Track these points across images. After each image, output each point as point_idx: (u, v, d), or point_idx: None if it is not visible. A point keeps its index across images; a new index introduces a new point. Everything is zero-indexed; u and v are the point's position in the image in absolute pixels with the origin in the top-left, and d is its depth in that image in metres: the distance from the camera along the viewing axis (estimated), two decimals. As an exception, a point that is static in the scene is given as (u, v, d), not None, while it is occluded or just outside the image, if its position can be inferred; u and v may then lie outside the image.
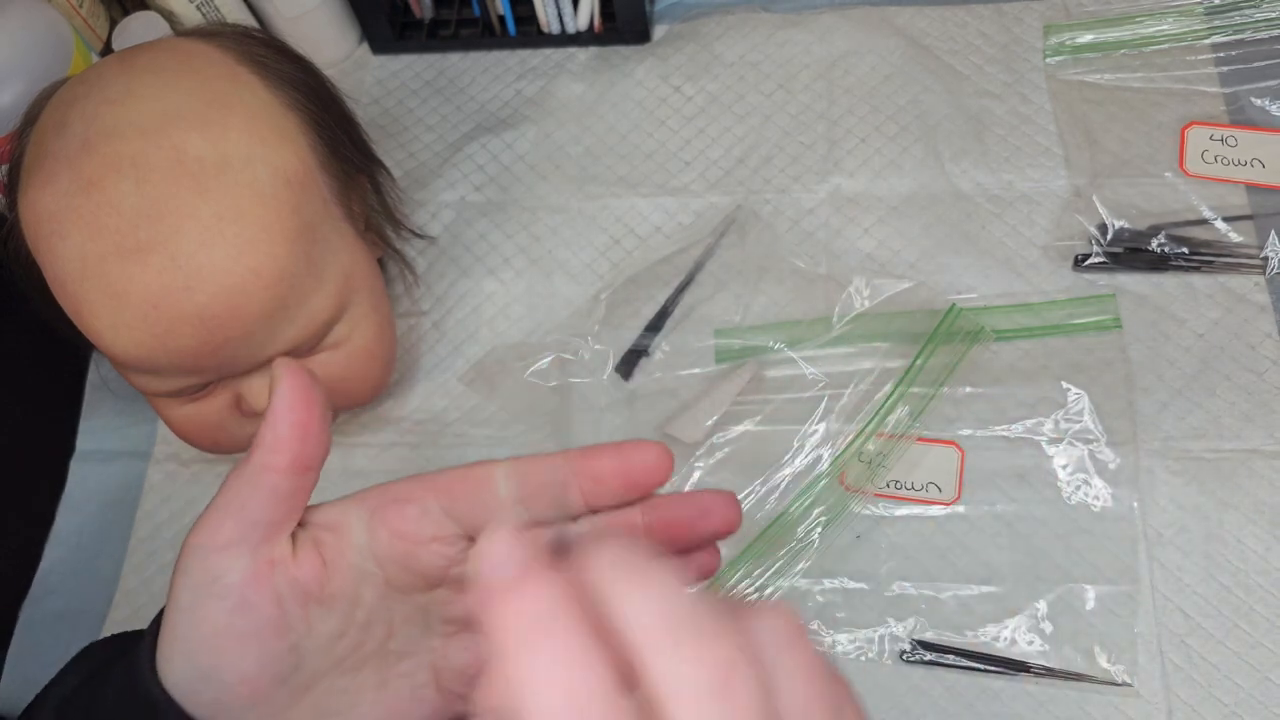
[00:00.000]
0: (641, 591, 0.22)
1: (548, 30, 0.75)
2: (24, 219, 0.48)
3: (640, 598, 0.22)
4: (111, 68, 0.50)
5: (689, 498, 0.34)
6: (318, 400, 0.31)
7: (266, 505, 0.31)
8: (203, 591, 0.31)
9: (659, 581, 0.22)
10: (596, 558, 0.22)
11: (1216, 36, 0.68)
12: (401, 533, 0.32)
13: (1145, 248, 0.62)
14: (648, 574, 0.22)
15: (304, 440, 0.31)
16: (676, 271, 0.65)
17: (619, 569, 0.22)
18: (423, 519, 0.32)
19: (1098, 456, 0.57)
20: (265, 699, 0.31)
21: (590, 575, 0.22)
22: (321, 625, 0.32)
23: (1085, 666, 0.53)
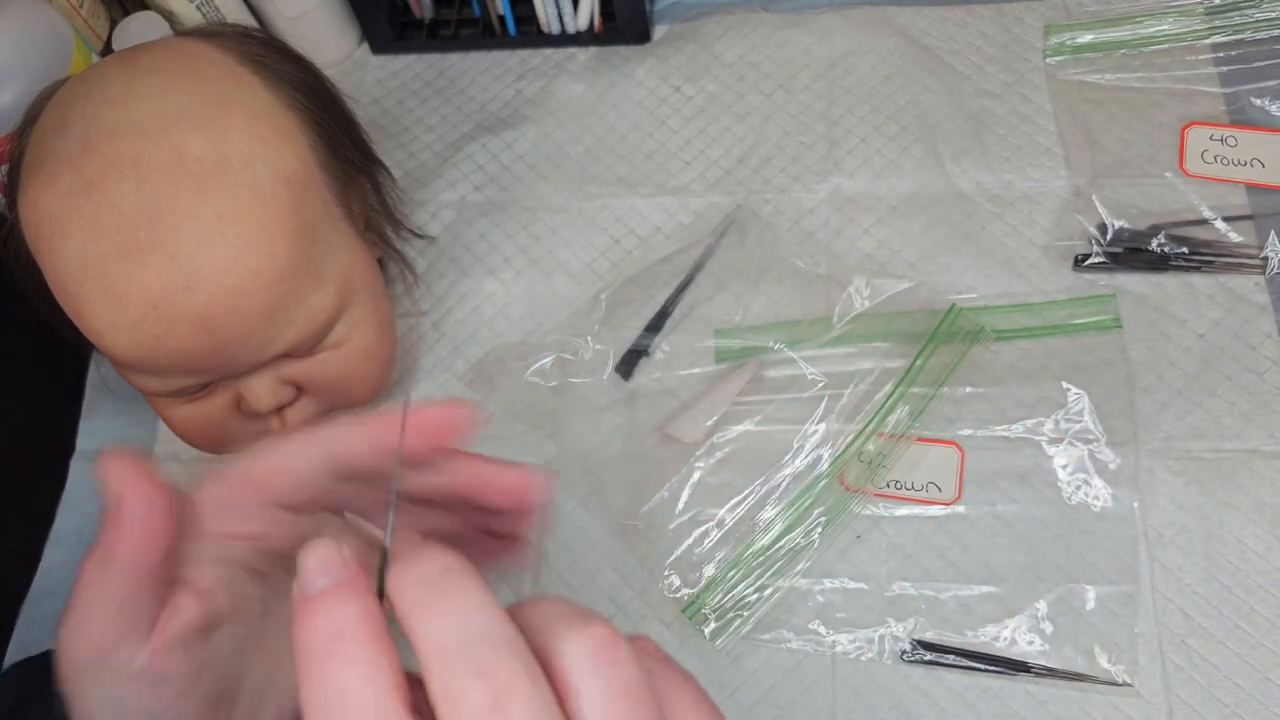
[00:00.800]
0: (440, 609, 0.22)
1: (548, 30, 0.75)
2: (24, 219, 0.48)
3: (436, 616, 0.22)
4: (112, 68, 0.50)
5: (481, 466, 0.32)
6: (156, 489, 0.29)
7: (135, 599, 0.29)
8: (114, 696, 0.29)
9: (459, 599, 0.22)
10: (403, 573, 0.22)
11: (1217, 36, 0.68)
12: (238, 536, 0.31)
13: (1145, 248, 0.62)
14: (451, 591, 0.22)
15: (150, 533, 0.29)
16: (676, 271, 0.65)
17: (423, 585, 0.22)
18: (247, 523, 0.31)
19: (1098, 456, 0.57)
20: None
21: (396, 592, 0.22)
22: (225, 635, 0.31)
23: (1085, 667, 0.53)
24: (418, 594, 0.22)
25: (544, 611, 0.23)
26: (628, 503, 0.58)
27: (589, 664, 0.22)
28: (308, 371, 0.54)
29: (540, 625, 0.23)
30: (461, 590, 0.22)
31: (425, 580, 0.22)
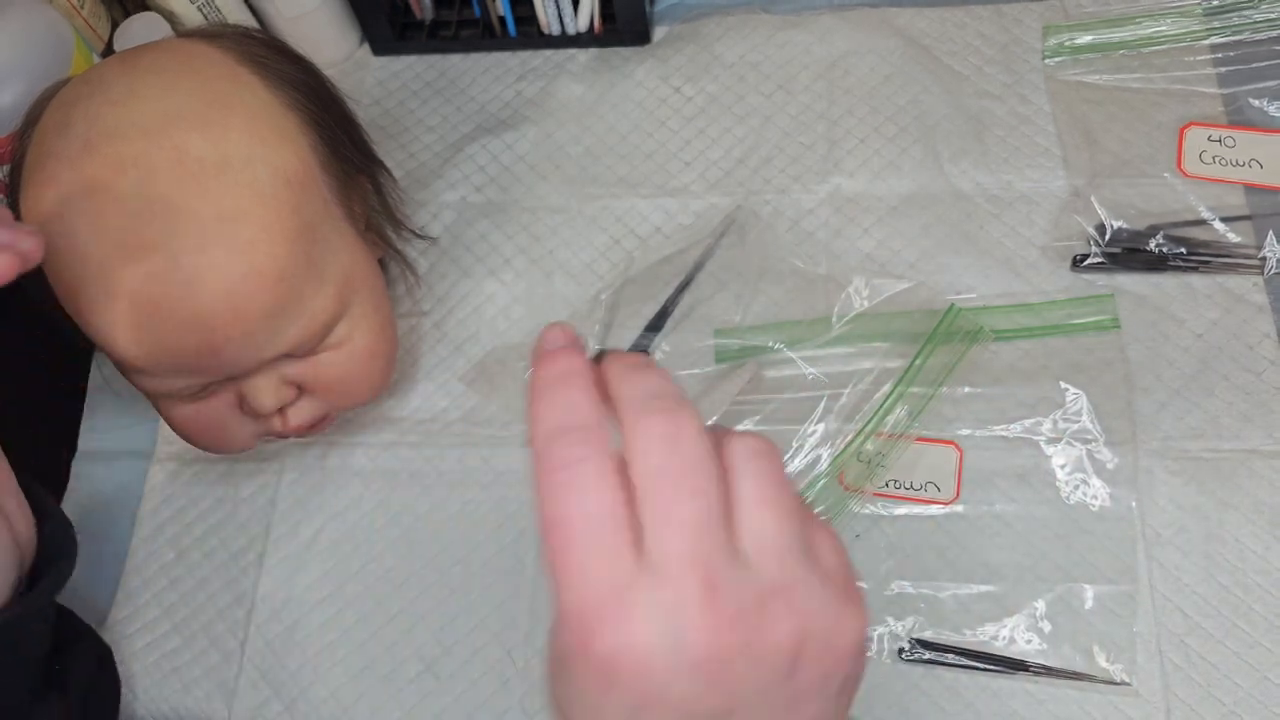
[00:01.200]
0: (638, 377, 0.30)
1: (548, 31, 0.75)
2: (26, 219, 0.49)
3: (636, 380, 0.30)
4: (113, 68, 0.51)
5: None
6: None
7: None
8: None
9: (652, 375, 0.30)
10: (613, 359, 0.32)
11: (1215, 37, 0.68)
12: None
13: (1144, 248, 0.62)
14: (646, 370, 0.31)
15: None
16: (676, 272, 0.65)
17: (626, 365, 0.31)
18: None
19: (1096, 456, 0.57)
20: None
21: (607, 369, 0.31)
22: None
23: (1084, 666, 0.53)
24: (623, 370, 0.31)
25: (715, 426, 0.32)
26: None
27: (749, 454, 0.30)
28: (309, 371, 0.54)
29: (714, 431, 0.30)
30: (652, 371, 0.31)
31: (628, 362, 0.31)
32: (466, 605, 0.58)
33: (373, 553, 0.60)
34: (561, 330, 0.32)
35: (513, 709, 0.56)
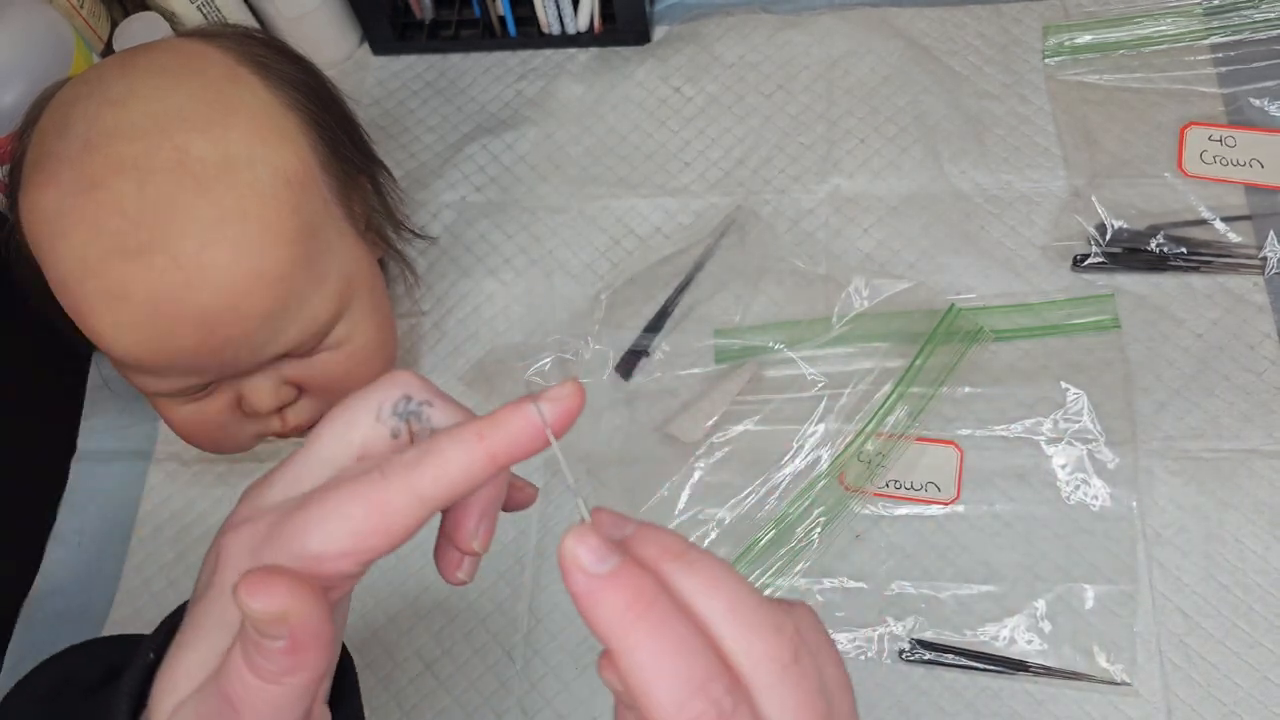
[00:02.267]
0: (707, 581, 0.26)
1: (548, 31, 0.75)
2: (26, 219, 0.49)
3: (707, 587, 0.26)
4: (112, 68, 0.51)
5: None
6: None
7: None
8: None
9: (714, 570, 0.26)
10: (650, 545, 0.26)
11: (1215, 37, 0.68)
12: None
13: (1144, 248, 0.62)
14: (702, 565, 0.26)
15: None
16: (676, 272, 0.65)
17: (679, 560, 0.26)
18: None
19: (1097, 456, 0.57)
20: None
21: (654, 564, 0.26)
22: None
23: (1084, 666, 0.53)
24: (678, 566, 0.26)
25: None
26: (628, 503, 0.59)
27: (819, 631, 0.28)
28: (309, 371, 0.54)
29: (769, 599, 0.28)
30: (710, 560, 0.27)
31: (677, 551, 0.27)
32: (466, 605, 0.58)
33: (372, 553, 0.60)
34: (596, 539, 0.26)
35: (512, 709, 0.56)
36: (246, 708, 0.26)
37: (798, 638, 0.26)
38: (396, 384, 0.30)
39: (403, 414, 0.29)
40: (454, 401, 0.31)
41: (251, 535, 0.28)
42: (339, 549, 0.26)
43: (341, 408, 0.30)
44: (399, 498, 0.26)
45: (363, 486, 0.27)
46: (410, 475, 0.27)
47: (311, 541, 0.26)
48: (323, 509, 0.27)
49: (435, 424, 0.29)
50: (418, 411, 0.30)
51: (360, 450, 0.29)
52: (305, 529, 0.26)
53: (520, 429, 0.27)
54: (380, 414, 0.29)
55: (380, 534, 0.27)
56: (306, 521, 0.27)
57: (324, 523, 0.26)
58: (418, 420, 0.29)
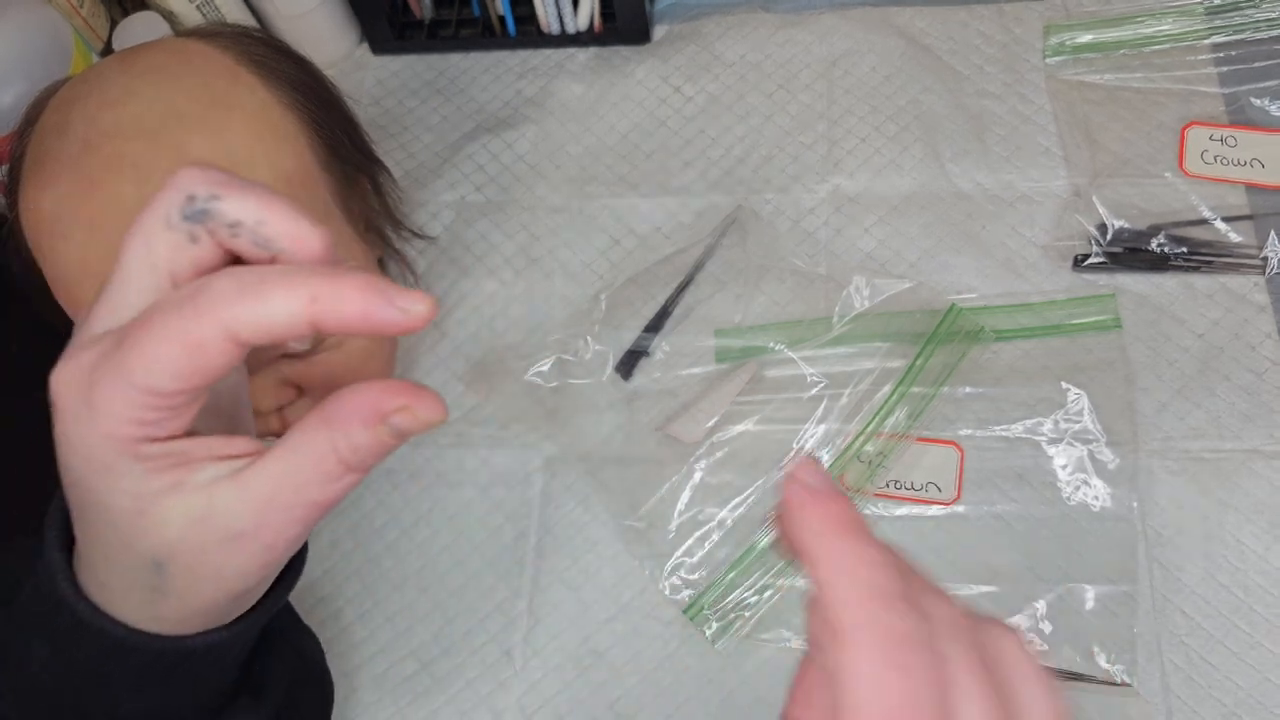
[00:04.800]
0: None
1: (548, 30, 0.75)
2: (25, 219, 0.48)
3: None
4: (112, 68, 0.50)
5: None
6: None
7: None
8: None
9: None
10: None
11: (1216, 37, 0.68)
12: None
13: (1145, 248, 0.62)
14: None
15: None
16: (676, 271, 0.65)
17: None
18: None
19: (1097, 456, 0.57)
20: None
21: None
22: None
23: (1085, 667, 0.53)
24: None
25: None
26: (628, 503, 0.58)
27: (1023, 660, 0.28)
28: (308, 372, 0.54)
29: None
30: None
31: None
32: (465, 606, 0.58)
33: (371, 553, 0.60)
34: (816, 464, 0.29)
35: (510, 709, 0.55)
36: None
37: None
38: (177, 184, 0.27)
39: (193, 216, 0.27)
40: (246, 184, 0.28)
41: (78, 369, 0.27)
42: (165, 386, 0.26)
43: (136, 223, 0.28)
44: (212, 334, 0.26)
45: (174, 323, 0.26)
46: (224, 313, 0.25)
47: (136, 378, 0.26)
48: (139, 348, 0.26)
49: (230, 217, 0.27)
50: (208, 209, 0.27)
51: (167, 264, 0.28)
52: (128, 366, 0.26)
53: (358, 312, 0.26)
54: (170, 220, 0.27)
55: (200, 372, 0.26)
56: (126, 359, 0.26)
57: (143, 360, 0.26)
58: (210, 219, 0.27)
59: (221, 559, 0.29)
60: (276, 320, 0.26)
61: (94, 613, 0.31)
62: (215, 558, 0.29)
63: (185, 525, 0.28)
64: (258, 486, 0.28)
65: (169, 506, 0.28)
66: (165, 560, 0.29)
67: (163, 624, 0.31)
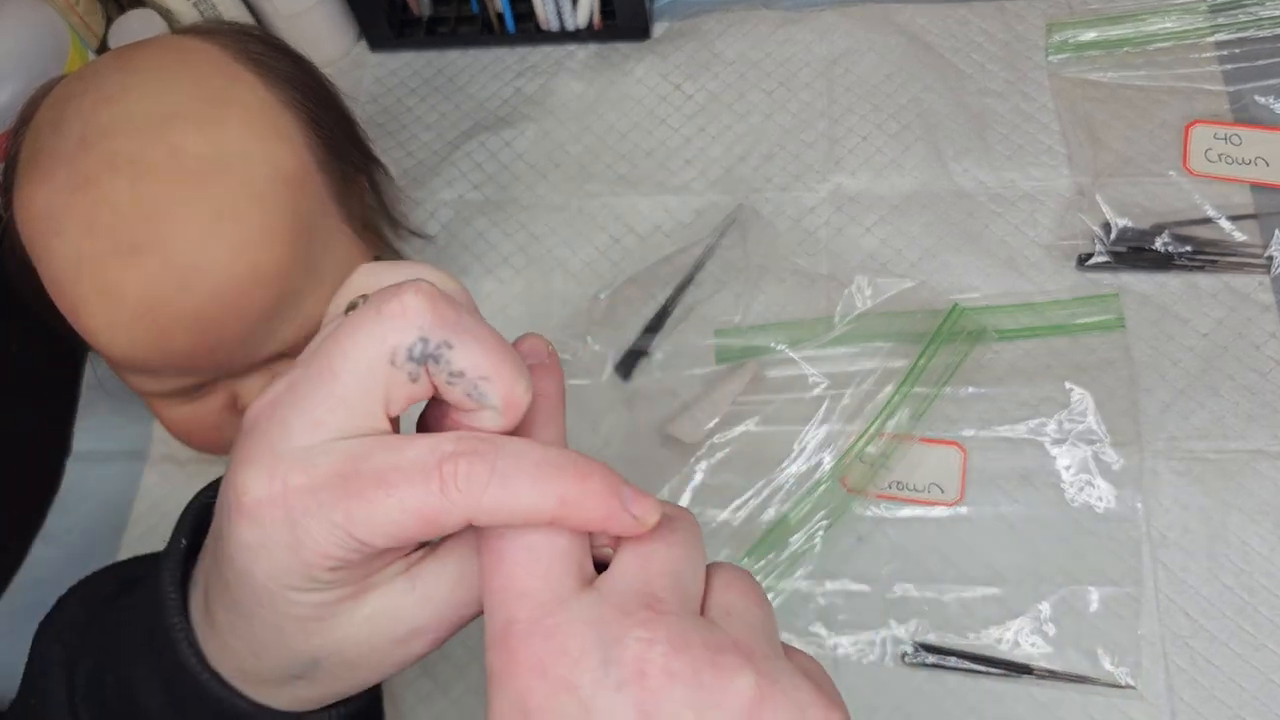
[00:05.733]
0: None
1: (547, 28, 0.74)
2: (20, 218, 0.48)
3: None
4: (108, 65, 0.50)
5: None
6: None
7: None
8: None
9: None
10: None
11: (1220, 34, 0.67)
12: None
13: (1149, 247, 0.61)
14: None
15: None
16: (677, 271, 0.65)
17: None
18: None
19: (1101, 457, 0.57)
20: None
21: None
22: None
23: (1089, 669, 0.52)
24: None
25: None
26: (628, 504, 0.58)
27: (731, 568, 0.30)
28: None
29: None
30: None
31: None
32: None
33: (370, 554, 0.60)
34: (536, 343, 0.31)
35: (512, 712, 0.55)
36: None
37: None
38: (411, 323, 0.27)
39: (419, 359, 0.27)
40: (473, 330, 0.27)
41: (284, 491, 0.26)
42: (384, 544, 0.26)
43: (354, 344, 0.27)
44: (452, 518, 0.26)
45: (417, 496, 0.25)
46: (470, 502, 0.26)
47: (358, 531, 0.26)
48: (370, 504, 0.25)
49: (456, 367, 0.27)
50: (436, 355, 0.27)
51: (383, 394, 0.27)
52: (352, 516, 0.25)
53: (601, 519, 0.27)
54: (396, 359, 0.27)
55: (424, 537, 0.26)
56: (350, 509, 0.25)
57: (371, 521, 0.25)
58: (435, 364, 0.27)
59: (388, 653, 0.29)
60: (519, 513, 0.26)
61: (219, 685, 0.30)
62: (382, 653, 0.29)
63: (357, 627, 0.28)
64: (436, 588, 0.28)
65: (345, 614, 0.28)
66: (324, 658, 0.29)
67: (294, 703, 0.31)
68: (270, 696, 0.30)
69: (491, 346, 0.27)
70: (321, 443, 0.26)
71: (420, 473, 0.26)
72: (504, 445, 0.26)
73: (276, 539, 0.26)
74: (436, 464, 0.26)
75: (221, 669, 0.30)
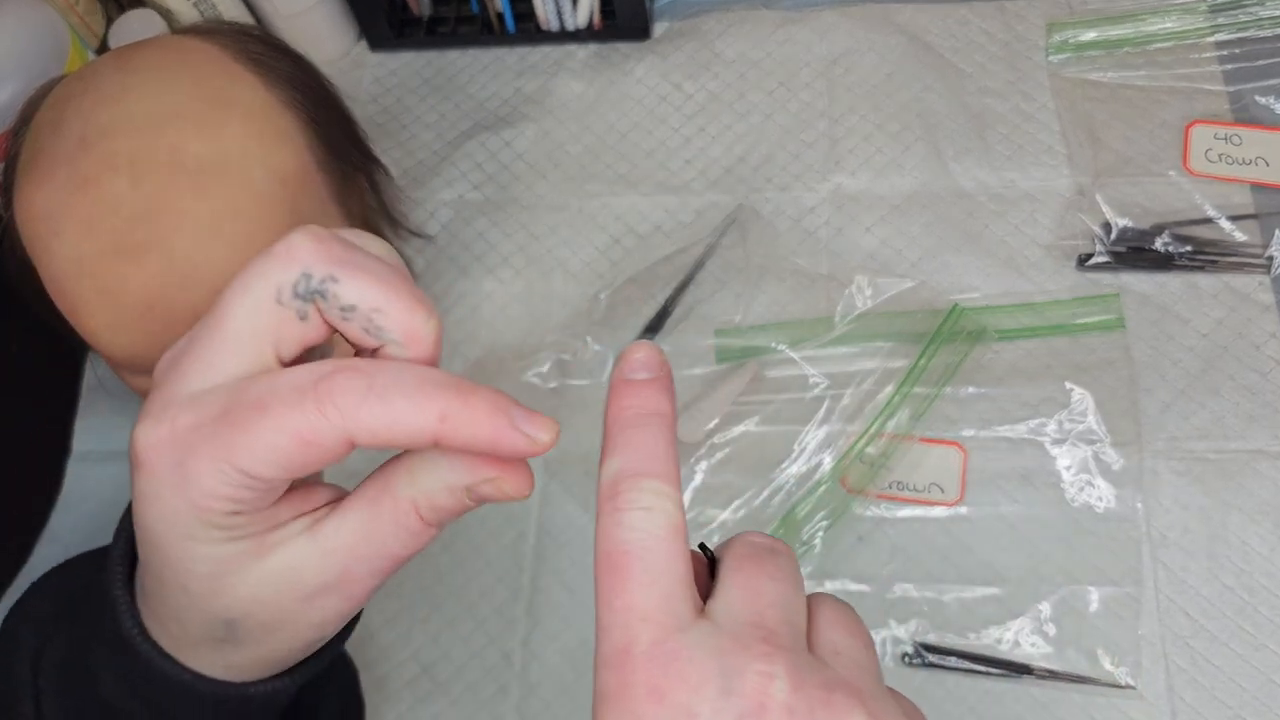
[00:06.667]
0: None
1: (547, 27, 0.74)
2: (20, 218, 0.48)
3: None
4: (108, 65, 0.50)
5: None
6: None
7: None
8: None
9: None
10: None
11: (1220, 34, 0.67)
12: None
13: (1149, 247, 0.61)
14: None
15: None
16: (677, 271, 0.65)
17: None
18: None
19: (1101, 457, 0.57)
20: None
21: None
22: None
23: (1089, 669, 0.52)
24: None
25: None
26: (628, 504, 0.58)
27: (832, 600, 0.30)
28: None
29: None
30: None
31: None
32: (464, 608, 0.58)
33: (370, 554, 0.60)
34: (649, 353, 0.30)
35: (509, 713, 0.55)
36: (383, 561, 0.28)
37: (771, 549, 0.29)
38: (294, 259, 0.26)
39: (305, 295, 0.26)
40: (364, 265, 0.27)
41: (170, 432, 0.26)
42: (267, 473, 0.25)
43: (241, 286, 0.26)
44: (329, 437, 0.25)
45: (291, 414, 0.25)
46: (346, 418, 0.25)
47: (239, 460, 0.25)
48: (248, 431, 0.25)
49: (345, 301, 0.26)
50: (323, 290, 0.26)
51: (271, 336, 0.27)
52: (232, 446, 0.25)
53: (487, 436, 0.26)
54: (281, 296, 0.26)
55: (308, 464, 0.26)
56: (231, 439, 0.25)
57: (249, 444, 0.25)
58: (323, 299, 0.26)
59: (298, 613, 0.29)
60: (399, 430, 0.25)
61: (160, 656, 0.30)
62: (292, 613, 0.29)
63: (261, 585, 0.28)
64: (338, 541, 0.28)
65: (247, 570, 0.27)
66: (238, 618, 0.28)
67: (230, 671, 0.31)
68: (207, 664, 0.30)
69: (382, 278, 0.27)
70: (212, 386, 0.26)
71: (296, 393, 0.25)
72: (385, 365, 0.26)
73: (167, 482, 0.26)
74: (313, 384, 0.25)
75: (159, 640, 0.30)
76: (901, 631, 0.54)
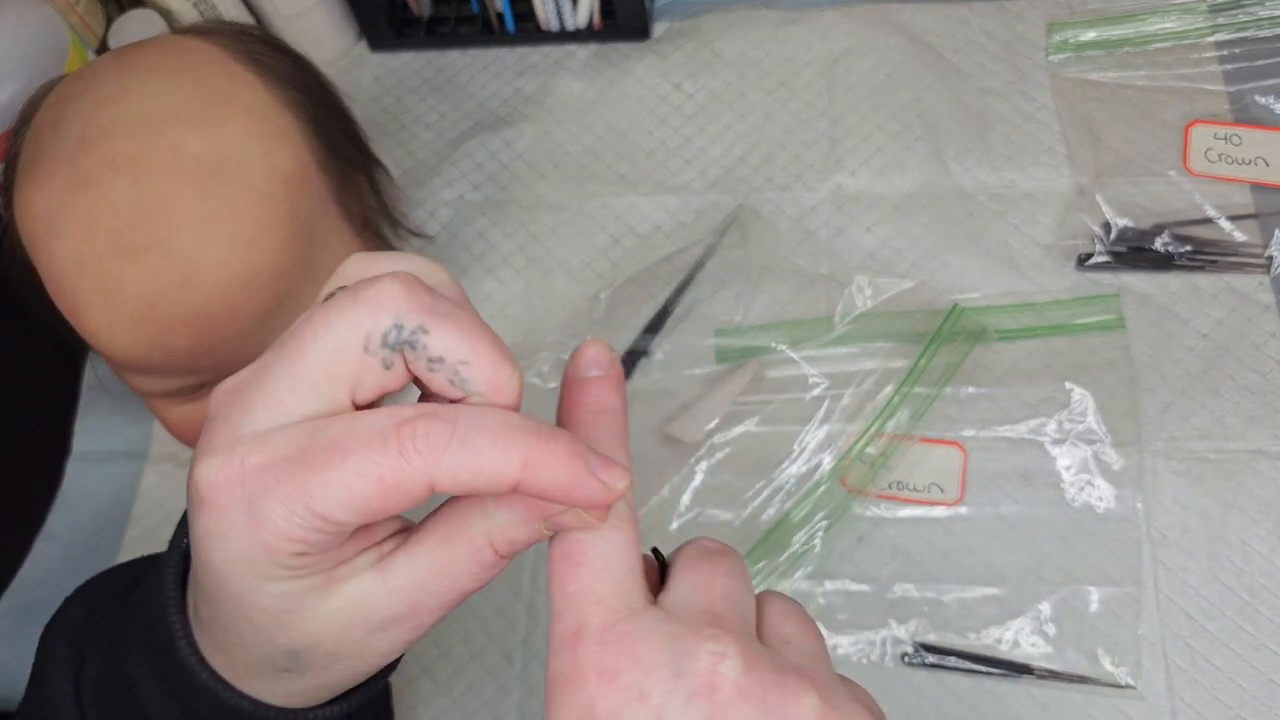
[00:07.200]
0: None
1: (547, 27, 0.74)
2: (20, 218, 0.48)
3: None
4: (108, 65, 0.50)
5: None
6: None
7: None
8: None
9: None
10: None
11: (1220, 34, 0.67)
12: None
13: (1149, 247, 0.61)
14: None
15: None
16: (677, 271, 0.65)
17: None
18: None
19: (1101, 457, 0.57)
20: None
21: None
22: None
23: (1089, 669, 0.52)
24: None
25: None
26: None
27: (782, 597, 0.31)
28: None
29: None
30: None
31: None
32: (464, 608, 0.58)
33: (370, 554, 0.60)
34: (600, 350, 0.30)
35: (510, 713, 0.55)
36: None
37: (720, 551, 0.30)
38: (385, 308, 0.26)
39: (394, 345, 0.26)
40: (452, 315, 0.27)
41: (240, 470, 0.25)
42: (342, 516, 0.25)
43: (325, 328, 0.26)
44: (412, 482, 0.25)
45: (375, 460, 0.24)
46: (430, 464, 0.25)
47: (315, 504, 0.25)
48: (326, 474, 0.25)
49: (434, 353, 0.26)
50: (412, 341, 0.26)
51: (351, 382, 0.26)
52: (309, 489, 0.25)
53: (565, 483, 0.26)
54: (370, 345, 0.26)
55: (386, 509, 0.25)
56: (307, 481, 0.25)
57: (327, 489, 0.25)
58: (411, 350, 0.26)
59: (366, 644, 0.28)
60: (482, 476, 0.25)
61: (218, 683, 0.30)
62: (360, 643, 0.28)
63: (329, 619, 0.28)
64: (409, 579, 0.28)
65: (315, 605, 0.27)
66: (303, 650, 0.28)
67: (289, 698, 0.30)
68: (267, 692, 0.30)
69: (471, 331, 0.26)
70: (282, 425, 0.26)
71: (378, 437, 0.25)
72: (466, 409, 0.26)
73: (235, 522, 0.25)
74: (395, 427, 0.25)
75: (215, 664, 0.30)
76: (901, 631, 0.54)
